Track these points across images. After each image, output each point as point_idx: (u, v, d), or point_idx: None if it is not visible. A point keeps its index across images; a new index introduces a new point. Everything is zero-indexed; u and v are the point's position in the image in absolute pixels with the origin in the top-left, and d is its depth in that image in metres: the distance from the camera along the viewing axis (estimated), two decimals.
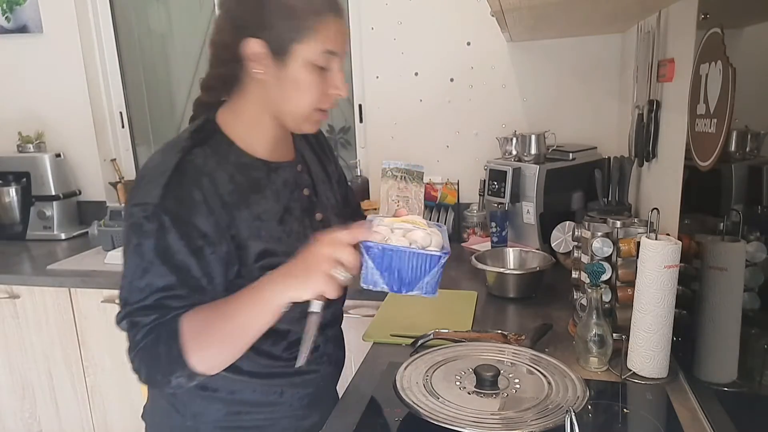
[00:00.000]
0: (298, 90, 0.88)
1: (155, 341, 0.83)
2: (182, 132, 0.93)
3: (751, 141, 0.87)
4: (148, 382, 0.88)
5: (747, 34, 0.90)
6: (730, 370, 0.91)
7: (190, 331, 0.82)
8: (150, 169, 0.87)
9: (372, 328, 1.34)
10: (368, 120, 2.33)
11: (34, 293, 2.06)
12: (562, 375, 0.98)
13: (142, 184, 0.86)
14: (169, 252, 0.83)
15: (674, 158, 1.28)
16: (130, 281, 0.84)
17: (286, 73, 0.86)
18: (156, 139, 2.78)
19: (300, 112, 0.90)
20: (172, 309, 0.84)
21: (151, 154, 0.91)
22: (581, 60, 2.08)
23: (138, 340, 0.83)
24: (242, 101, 0.93)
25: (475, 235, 2.11)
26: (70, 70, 2.55)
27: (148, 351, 0.83)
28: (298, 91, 0.88)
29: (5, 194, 2.50)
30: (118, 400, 2.10)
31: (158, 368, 0.84)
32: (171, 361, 0.82)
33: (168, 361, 0.82)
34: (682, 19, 1.25)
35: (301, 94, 0.88)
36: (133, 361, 0.85)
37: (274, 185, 0.95)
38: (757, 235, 0.83)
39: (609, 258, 1.15)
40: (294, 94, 0.88)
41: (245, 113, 0.93)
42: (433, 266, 0.82)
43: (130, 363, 0.85)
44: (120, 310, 0.86)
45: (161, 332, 0.83)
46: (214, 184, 0.87)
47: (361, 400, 1.04)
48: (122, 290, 0.85)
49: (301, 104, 0.89)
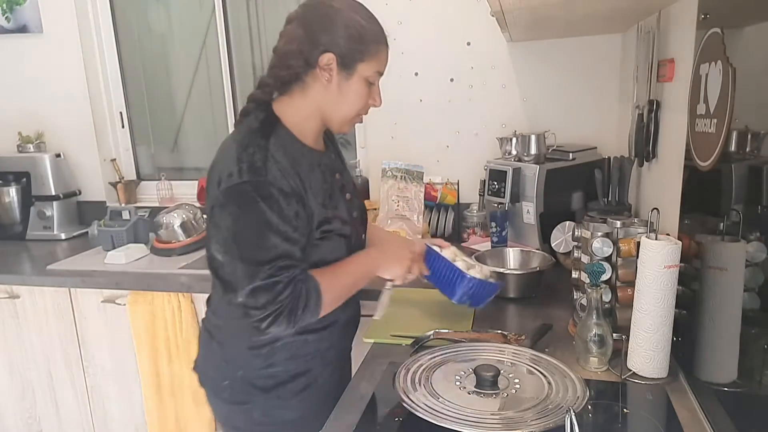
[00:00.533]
0: (350, 98, 1.11)
1: (298, 297, 1.04)
2: (251, 123, 1.10)
3: (751, 141, 0.87)
4: (276, 327, 1.05)
5: (747, 34, 0.90)
6: (730, 370, 0.91)
7: (326, 287, 1.08)
8: (239, 155, 1.04)
9: (372, 328, 1.34)
10: (368, 120, 2.32)
11: (34, 293, 2.06)
12: (562, 375, 0.98)
13: (237, 167, 1.02)
14: (284, 215, 1.03)
15: (674, 158, 1.28)
16: (253, 246, 1.03)
17: (347, 84, 1.10)
18: (156, 139, 2.78)
19: (347, 115, 1.14)
20: (294, 266, 1.04)
21: (224, 145, 1.10)
22: (581, 60, 2.08)
23: (279, 298, 1.02)
24: (302, 100, 1.12)
25: (475, 235, 2.11)
26: (70, 70, 2.55)
27: (288, 306, 1.03)
28: (352, 99, 1.11)
29: (5, 194, 2.50)
30: (118, 400, 2.10)
31: (293, 320, 1.05)
32: (310, 312, 1.07)
33: (307, 312, 1.06)
34: (682, 19, 1.25)
35: (353, 102, 1.12)
36: (268, 317, 1.03)
37: (321, 168, 1.16)
38: (757, 235, 0.82)
39: (609, 258, 1.15)
40: (347, 101, 1.11)
41: (303, 109, 1.13)
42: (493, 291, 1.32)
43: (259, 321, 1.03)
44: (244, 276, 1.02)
45: (303, 289, 1.05)
46: (292, 162, 1.07)
47: (361, 400, 1.05)
48: (245, 254, 1.03)
49: (351, 109, 1.13)
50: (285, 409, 1.20)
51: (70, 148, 2.62)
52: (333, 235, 1.13)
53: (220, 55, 2.55)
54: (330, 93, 1.10)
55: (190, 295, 1.90)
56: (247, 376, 1.17)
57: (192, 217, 2.22)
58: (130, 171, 2.76)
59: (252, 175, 1.02)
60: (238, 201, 1.02)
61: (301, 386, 1.19)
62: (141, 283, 1.94)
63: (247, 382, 1.17)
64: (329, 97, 1.11)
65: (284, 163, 1.05)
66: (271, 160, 1.04)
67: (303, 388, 1.20)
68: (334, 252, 1.16)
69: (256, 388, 1.17)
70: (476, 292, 1.28)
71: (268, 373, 1.17)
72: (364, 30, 1.07)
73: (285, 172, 1.04)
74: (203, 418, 1.98)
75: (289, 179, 1.04)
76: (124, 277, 1.97)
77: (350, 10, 1.08)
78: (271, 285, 1.02)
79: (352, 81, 1.09)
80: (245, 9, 2.53)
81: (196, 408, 1.98)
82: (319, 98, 1.11)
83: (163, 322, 1.92)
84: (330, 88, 1.09)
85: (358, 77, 1.09)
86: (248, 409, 1.19)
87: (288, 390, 1.18)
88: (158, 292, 1.91)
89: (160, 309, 1.92)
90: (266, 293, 1.02)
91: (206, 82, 2.64)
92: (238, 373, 1.18)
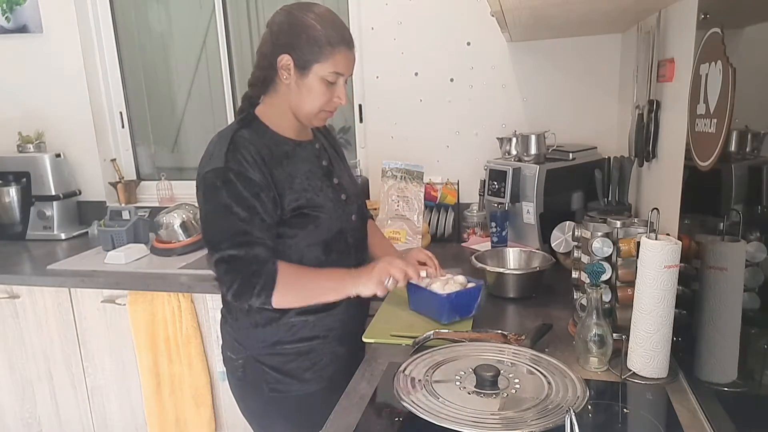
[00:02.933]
0: (310, 95, 1.22)
1: (253, 274, 1.16)
2: (232, 122, 1.27)
3: (751, 141, 0.86)
4: (234, 298, 1.19)
5: (747, 34, 0.90)
6: (730, 370, 0.91)
7: (283, 279, 1.18)
8: (212, 148, 1.21)
9: (372, 328, 1.34)
10: (368, 120, 2.33)
11: (34, 293, 2.06)
12: (562, 375, 0.98)
13: (209, 158, 1.20)
14: (240, 196, 1.16)
15: (674, 158, 1.28)
16: (215, 225, 1.19)
17: (303, 83, 1.21)
18: (156, 139, 2.78)
19: (310, 111, 1.24)
20: (253, 243, 1.16)
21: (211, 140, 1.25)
22: (581, 60, 2.08)
23: (236, 268, 1.16)
24: (276, 97, 1.26)
25: (475, 235, 2.11)
26: (70, 70, 2.55)
27: (243, 279, 1.16)
28: (310, 97, 1.22)
29: (5, 194, 2.50)
30: (118, 400, 2.10)
31: (248, 294, 1.17)
32: (263, 294, 1.17)
33: (259, 291, 1.17)
34: (682, 19, 1.25)
35: (312, 99, 1.23)
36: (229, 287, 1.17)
37: (299, 155, 1.29)
38: (757, 235, 0.82)
39: (609, 258, 1.15)
40: (307, 98, 1.23)
41: (276, 106, 1.27)
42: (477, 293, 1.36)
43: (224, 290, 1.18)
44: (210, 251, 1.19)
45: (260, 269, 1.17)
46: (257, 150, 1.20)
47: (361, 400, 1.04)
48: (208, 234, 1.20)
49: (312, 105, 1.23)
50: (292, 386, 1.30)
51: (70, 148, 2.62)
52: (306, 211, 1.24)
53: (220, 55, 2.55)
54: (291, 91, 1.23)
55: (190, 295, 1.90)
56: (256, 354, 1.29)
57: (192, 217, 2.22)
58: (130, 171, 2.76)
59: (214, 163, 1.17)
60: (204, 188, 1.19)
61: (307, 364, 1.30)
62: (141, 283, 1.94)
63: (256, 360, 1.29)
64: (291, 94, 1.23)
65: (249, 151, 1.18)
66: (231, 150, 1.18)
67: (309, 366, 1.30)
68: (308, 228, 1.25)
69: (265, 365, 1.29)
70: (459, 303, 1.34)
71: (275, 351, 1.29)
72: (319, 34, 1.18)
73: (247, 160, 1.18)
74: (203, 418, 1.98)
75: (250, 165, 1.17)
76: (124, 277, 1.97)
77: (311, 17, 1.19)
78: (229, 258, 1.16)
79: (308, 80, 1.20)
80: (245, 9, 2.53)
81: (196, 408, 1.98)
82: (286, 96, 1.24)
83: (163, 322, 1.92)
84: (291, 87, 1.22)
85: (314, 77, 1.20)
86: (259, 386, 1.30)
87: (295, 367, 1.29)
88: (158, 292, 1.91)
89: (160, 309, 1.92)
90: (224, 264, 1.17)
91: (206, 82, 2.64)
92: (248, 352, 1.30)
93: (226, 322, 1.36)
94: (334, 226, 1.29)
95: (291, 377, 1.29)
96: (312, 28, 1.18)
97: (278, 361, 1.29)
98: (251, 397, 1.34)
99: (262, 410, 1.35)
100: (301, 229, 1.25)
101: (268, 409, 1.33)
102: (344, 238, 1.32)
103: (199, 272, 1.95)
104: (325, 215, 1.26)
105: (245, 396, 1.36)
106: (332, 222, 1.28)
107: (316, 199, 1.26)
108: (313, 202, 1.25)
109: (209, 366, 1.97)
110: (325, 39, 1.18)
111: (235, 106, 2.59)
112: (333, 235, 1.29)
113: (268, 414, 1.34)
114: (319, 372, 1.31)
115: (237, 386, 1.36)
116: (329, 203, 1.28)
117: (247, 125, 1.24)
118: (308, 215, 1.25)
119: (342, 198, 1.33)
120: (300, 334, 1.29)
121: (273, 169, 1.21)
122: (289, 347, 1.29)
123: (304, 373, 1.30)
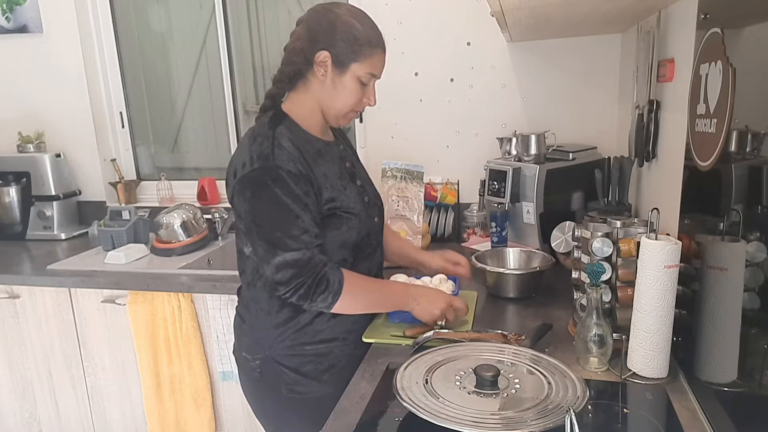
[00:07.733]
0: (344, 94, 1.22)
1: (321, 278, 1.16)
2: (262, 119, 1.25)
3: (751, 141, 0.86)
4: (299, 300, 1.17)
5: (747, 34, 0.90)
6: (730, 370, 0.91)
7: (350, 288, 1.19)
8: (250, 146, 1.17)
9: (372, 328, 1.34)
10: (368, 120, 2.34)
11: (34, 293, 2.06)
12: (562, 375, 0.98)
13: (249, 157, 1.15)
14: (294, 194, 1.14)
15: (674, 158, 1.28)
16: (272, 224, 1.14)
17: (340, 80, 1.21)
18: (156, 139, 2.78)
19: (341, 110, 1.25)
20: (311, 241, 1.15)
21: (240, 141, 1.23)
22: (581, 60, 2.08)
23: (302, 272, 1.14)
24: (305, 94, 1.25)
25: (475, 235, 2.11)
26: (70, 70, 2.55)
27: (308, 283, 1.15)
28: (345, 95, 1.22)
29: (5, 194, 2.50)
30: (118, 400, 2.10)
31: (314, 298, 1.16)
32: (329, 298, 1.17)
33: (326, 296, 1.17)
34: (682, 19, 1.25)
35: (346, 98, 1.23)
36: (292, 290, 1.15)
37: (329, 154, 1.28)
38: (757, 235, 0.82)
39: (609, 258, 1.15)
40: (341, 96, 1.23)
41: (305, 102, 1.26)
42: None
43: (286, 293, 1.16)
44: (267, 252, 1.15)
45: (328, 274, 1.16)
46: (296, 147, 1.19)
47: (361, 400, 1.04)
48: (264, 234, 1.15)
49: (344, 104, 1.24)
50: (310, 387, 1.28)
51: (70, 148, 2.62)
52: (339, 213, 1.23)
53: (220, 55, 2.55)
54: (325, 88, 1.22)
55: (190, 295, 1.90)
56: (275, 354, 1.28)
57: (192, 217, 2.22)
58: (130, 171, 2.76)
59: (261, 162, 1.14)
60: (251, 186, 1.15)
61: (326, 366, 1.28)
62: (141, 283, 1.93)
63: (275, 361, 1.28)
64: (325, 91, 1.22)
65: (290, 149, 1.17)
66: (277, 147, 1.16)
67: (327, 368, 1.29)
68: (341, 229, 1.24)
69: (283, 366, 1.27)
70: None
71: (294, 352, 1.27)
72: (360, 34, 1.18)
73: (291, 156, 1.16)
74: (203, 418, 1.98)
75: (296, 163, 1.16)
76: (124, 277, 1.97)
77: (350, 15, 1.20)
78: (293, 261, 1.14)
79: (345, 78, 1.21)
80: (245, 9, 2.53)
81: (196, 408, 1.98)
82: (317, 93, 1.23)
83: (163, 322, 1.93)
84: (325, 84, 1.21)
85: (351, 75, 1.20)
86: (277, 387, 1.29)
87: (313, 369, 1.28)
88: (158, 292, 1.91)
89: (160, 309, 1.92)
90: (289, 268, 1.14)
91: (206, 82, 2.64)
92: (266, 353, 1.28)
93: (243, 322, 1.34)
94: (363, 228, 1.28)
95: (310, 378, 1.28)
96: (354, 28, 1.18)
97: (297, 362, 1.27)
98: (267, 397, 1.33)
99: (278, 411, 1.33)
100: (335, 229, 1.23)
101: (285, 410, 1.31)
102: (370, 241, 1.33)
103: (199, 272, 1.95)
104: (356, 217, 1.26)
105: (261, 396, 1.35)
106: (362, 224, 1.28)
107: (348, 201, 1.25)
108: (346, 204, 1.24)
109: (209, 366, 1.97)
110: (365, 39, 1.19)
111: (235, 107, 2.59)
112: (362, 237, 1.29)
113: (285, 415, 1.32)
114: (337, 374, 1.28)
115: (253, 387, 1.35)
116: (359, 205, 1.28)
117: (280, 123, 1.22)
118: (341, 216, 1.23)
119: (365, 200, 1.32)
120: (321, 336, 1.27)
121: (312, 166, 1.20)
122: (309, 348, 1.27)
123: (323, 374, 1.29)
